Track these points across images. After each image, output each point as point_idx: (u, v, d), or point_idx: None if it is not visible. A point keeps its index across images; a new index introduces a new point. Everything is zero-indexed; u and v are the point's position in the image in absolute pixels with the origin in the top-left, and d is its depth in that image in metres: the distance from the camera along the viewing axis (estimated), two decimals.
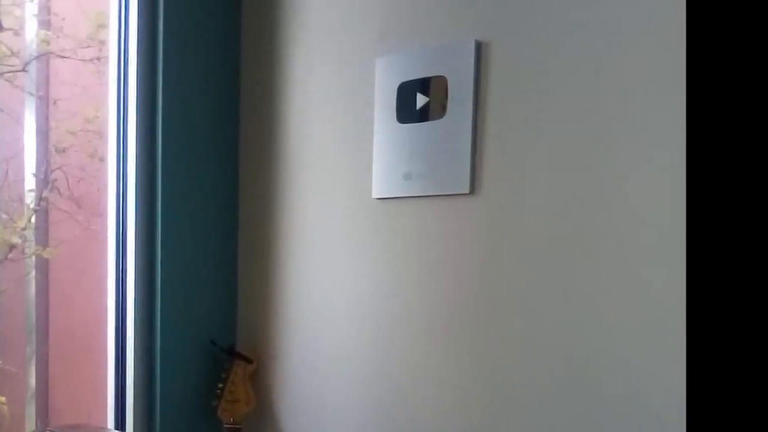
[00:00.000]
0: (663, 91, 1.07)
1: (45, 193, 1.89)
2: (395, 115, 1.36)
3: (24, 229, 1.92)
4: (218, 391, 1.57)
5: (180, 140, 1.55)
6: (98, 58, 1.79)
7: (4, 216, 1.90)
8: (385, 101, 1.38)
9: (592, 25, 1.14)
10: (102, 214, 1.66)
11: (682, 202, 1.03)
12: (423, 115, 1.32)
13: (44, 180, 1.89)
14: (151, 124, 1.54)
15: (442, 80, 1.30)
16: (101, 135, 1.73)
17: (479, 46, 1.25)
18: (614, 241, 1.12)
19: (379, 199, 1.40)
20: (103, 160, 1.68)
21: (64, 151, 1.85)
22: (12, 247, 1.90)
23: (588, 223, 1.15)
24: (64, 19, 1.81)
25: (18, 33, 1.84)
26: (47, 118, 1.87)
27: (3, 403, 1.91)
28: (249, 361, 1.59)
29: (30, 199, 1.93)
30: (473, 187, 1.27)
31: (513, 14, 1.22)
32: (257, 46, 1.61)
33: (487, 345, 1.27)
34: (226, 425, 1.55)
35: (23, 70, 1.88)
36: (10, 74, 1.85)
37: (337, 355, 1.49)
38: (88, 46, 1.81)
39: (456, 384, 1.31)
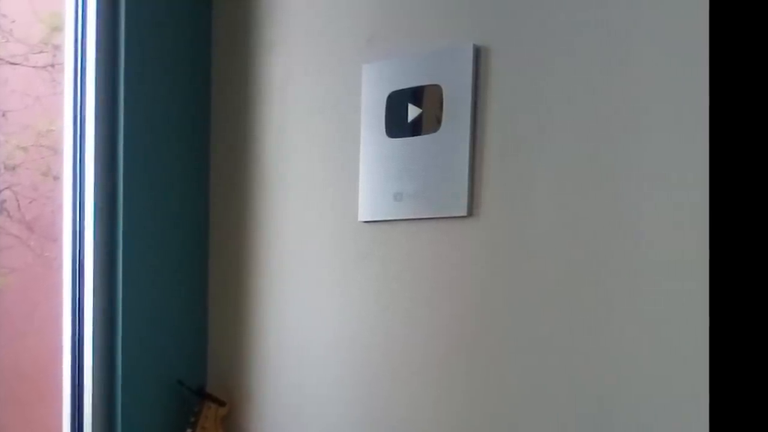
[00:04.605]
0: (681, 96, 1.04)
1: None
2: (384, 129, 1.33)
3: None
4: None
5: (143, 156, 1.52)
6: (52, 65, 1.77)
7: None
8: (372, 113, 1.35)
9: (602, 28, 1.12)
10: (57, 239, 1.64)
11: (704, 225, 0.99)
12: (415, 129, 1.29)
13: None
14: (112, 139, 1.51)
15: (436, 89, 1.27)
16: (56, 150, 1.72)
17: (478, 52, 1.23)
18: (628, 268, 1.09)
19: (366, 222, 1.37)
20: (57, 178, 1.66)
21: (13, 168, 1.81)
22: None
23: (599, 248, 1.12)
24: (13, 21, 1.77)
25: None
26: None
27: None
28: (221, 403, 1.55)
29: None
30: (471, 209, 1.24)
31: (515, 16, 1.20)
32: (230, 50, 1.58)
33: (487, 383, 1.23)
34: None
35: None
36: None
37: (319, 396, 1.45)
38: (41, 52, 1.78)
39: (454, 425, 1.27)
